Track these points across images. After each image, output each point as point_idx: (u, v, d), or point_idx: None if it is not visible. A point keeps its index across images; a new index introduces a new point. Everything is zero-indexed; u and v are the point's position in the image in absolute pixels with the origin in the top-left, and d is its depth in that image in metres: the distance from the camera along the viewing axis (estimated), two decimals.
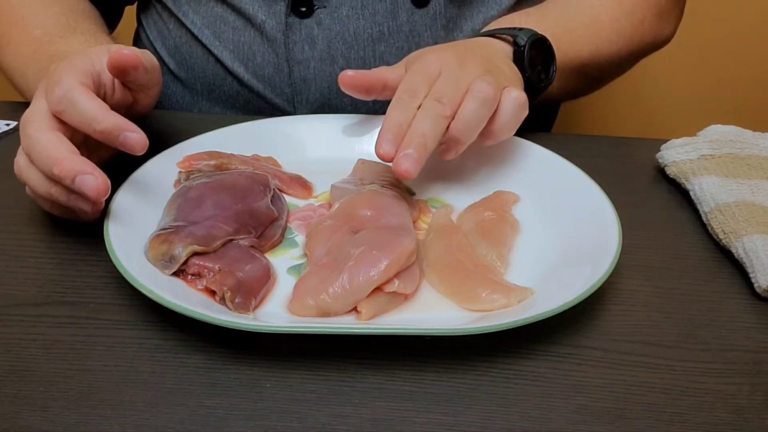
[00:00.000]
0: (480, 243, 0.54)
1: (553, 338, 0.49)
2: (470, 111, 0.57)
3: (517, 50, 0.65)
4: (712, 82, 1.40)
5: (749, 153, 0.64)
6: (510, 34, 0.66)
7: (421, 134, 0.54)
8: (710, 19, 1.31)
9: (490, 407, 0.44)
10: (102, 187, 0.49)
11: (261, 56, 0.75)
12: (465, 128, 0.57)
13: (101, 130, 0.51)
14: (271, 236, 0.55)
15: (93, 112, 0.51)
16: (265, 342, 0.47)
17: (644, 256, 0.56)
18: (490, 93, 0.57)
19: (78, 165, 0.50)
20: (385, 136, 0.54)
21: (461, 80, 0.58)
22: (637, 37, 0.77)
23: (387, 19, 0.73)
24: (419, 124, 0.55)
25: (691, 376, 0.47)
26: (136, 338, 0.48)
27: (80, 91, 0.52)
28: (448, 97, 0.56)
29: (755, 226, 0.56)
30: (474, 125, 0.57)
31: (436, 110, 0.56)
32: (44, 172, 0.51)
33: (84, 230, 0.56)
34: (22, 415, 0.42)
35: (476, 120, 0.57)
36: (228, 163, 0.61)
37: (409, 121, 0.55)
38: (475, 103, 0.57)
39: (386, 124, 0.55)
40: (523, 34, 0.65)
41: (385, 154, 0.54)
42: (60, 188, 0.52)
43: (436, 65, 0.59)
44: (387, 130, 0.55)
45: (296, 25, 0.73)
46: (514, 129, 0.61)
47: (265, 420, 0.43)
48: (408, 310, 0.50)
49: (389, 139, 0.54)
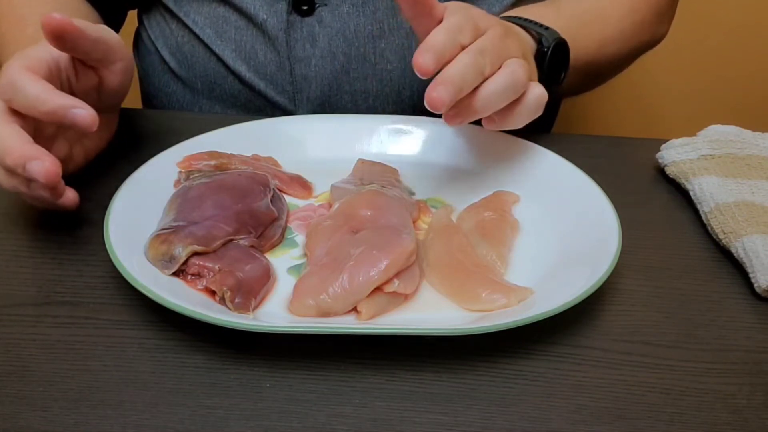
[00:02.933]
0: (480, 243, 0.54)
1: (553, 338, 0.49)
2: (499, 85, 0.55)
3: (540, 50, 0.65)
4: (712, 82, 1.40)
5: (749, 153, 0.64)
6: (537, 31, 0.65)
7: (461, 78, 0.52)
8: (710, 18, 1.31)
9: (490, 407, 0.44)
10: (51, 169, 0.49)
11: (263, 54, 0.75)
12: (487, 100, 0.55)
13: (47, 110, 0.50)
14: (271, 236, 0.55)
15: (36, 94, 0.51)
16: (265, 342, 0.47)
17: (644, 256, 0.56)
18: (523, 78, 0.56)
19: (27, 151, 0.49)
20: (428, 49, 0.51)
21: (502, 51, 0.56)
22: (637, 37, 0.78)
23: (387, 16, 0.73)
24: (459, 67, 0.52)
25: (691, 376, 0.47)
26: (136, 338, 0.48)
27: (24, 76, 0.51)
28: (490, 56, 0.55)
29: (755, 226, 0.56)
30: (496, 101, 0.55)
31: (478, 62, 0.53)
32: (2, 165, 0.51)
33: (84, 230, 0.56)
34: (22, 415, 0.42)
35: (501, 97, 0.55)
36: (228, 163, 0.61)
37: (450, 51, 0.53)
38: (507, 80, 0.55)
39: (430, 41, 0.52)
40: (548, 35, 0.65)
41: (424, 65, 0.50)
42: (20, 179, 0.52)
43: (484, 22, 0.57)
44: (430, 46, 0.51)
45: (297, 24, 0.73)
46: (523, 123, 0.59)
47: (265, 420, 0.43)
48: (408, 310, 0.50)
49: (431, 55, 0.51)
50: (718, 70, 1.39)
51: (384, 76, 0.75)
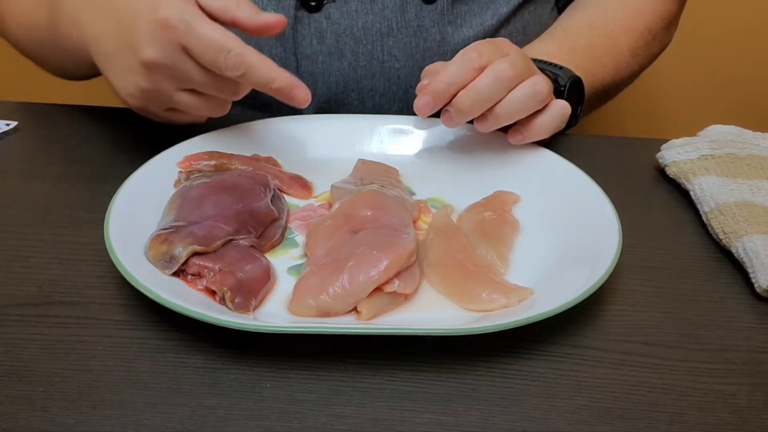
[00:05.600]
0: (480, 243, 0.54)
1: (553, 338, 0.49)
2: (521, 94, 0.59)
3: (557, 89, 0.66)
4: (712, 82, 1.40)
5: (749, 153, 0.64)
6: (552, 72, 0.67)
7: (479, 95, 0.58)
8: (710, 19, 1.31)
9: (490, 407, 0.44)
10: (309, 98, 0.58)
11: (269, 50, 0.75)
12: (508, 112, 0.59)
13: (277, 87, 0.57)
14: (271, 236, 0.55)
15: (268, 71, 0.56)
16: (265, 342, 0.47)
17: (644, 256, 0.56)
18: (545, 90, 0.60)
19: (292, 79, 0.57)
20: (427, 91, 0.59)
21: (525, 69, 0.60)
22: (648, 54, 0.80)
23: (395, 14, 0.73)
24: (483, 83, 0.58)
25: (691, 376, 0.47)
26: (137, 338, 0.48)
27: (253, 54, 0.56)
28: (518, 68, 0.59)
29: (755, 226, 0.56)
30: (518, 109, 0.60)
31: (505, 73, 0.58)
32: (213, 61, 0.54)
33: (84, 230, 0.56)
34: (22, 415, 0.42)
35: (523, 106, 0.59)
36: (228, 163, 0.61)
37: (461, 80, 0.58)
38: (530, 90, 0.59)
39: (434, 82, 0.59)
40: (563, 74, 0.66)
41: (419, 110, 0.60)
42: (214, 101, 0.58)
43: (506, 46, 0.62)
44: (429, 90, 0.59)
45: (305, 20, 0.73)
46: (548, 134, 0.62)
47: (265, 420, 0.43)
48: (408, 310, 0.50)
49: (427, 99, 0.59)
50: (718, 70, 1.38)
51: (392, 74, 0.75)
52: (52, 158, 0.66)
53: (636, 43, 0.77)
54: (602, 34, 0.75)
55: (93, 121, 0.72)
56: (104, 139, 0.69)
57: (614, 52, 0.75)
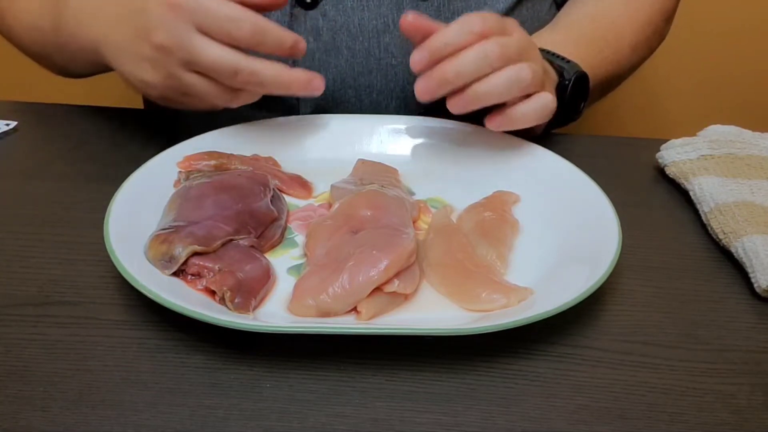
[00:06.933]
0: (480, 243, 0.54)
1: (553, 338, 0.49)
2: (503, 76, 0.58)
3: (561, 83, 0.66)
4: (712, 82, 1.40)
5: (749, 153, 0.64)
6: (558, 65, 0.67)
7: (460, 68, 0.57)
8: (710, 18, 1.31)
9: (490, 407, 0.44)
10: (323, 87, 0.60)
11: None
12: (485, 91, 0.58)
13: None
14: (271, 236, 0.55)
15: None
16: (265, 342, 0.47)
17: (644, 256, 0.56)
18: (529, 78, 0.58)
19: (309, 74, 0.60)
20: (424, 47, 0.57)
21: (516, 54, 0.59)
22: (648, 48, 0.80)
23: (392, 10, 0.73)
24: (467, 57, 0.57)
25: (691, 376, 0.47)
26: (137, 338, 0.48)
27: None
28: (509, 50, 0.58)
29: (755, 226, 0.56)
30: (496, 92, 0.58)
31: (492, 52, 0.57)
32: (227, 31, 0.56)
33: (84, 230, 0.56)
34: (22, 415, 0.42)
35: (503, 89, 0.58)
36: (228, 163, 0.61)
37: (458, 42, 0.57)
38: (513, 75, 0.58)
39: (432, 39, 0.57)
40: (569, 68, 0.66)
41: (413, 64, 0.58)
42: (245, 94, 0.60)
43: (512, 24, 0.61)
44: (426, 45, 0.57)
45: (301, 17, 0.73)
46: (527, 124, 0.61)
47: (265, 420, 0.43)
48: (408, 310, 0.50)
49: (423, 54, 0.57)
50: (718, 70, 1.38)
51: (389, 71, 0.75)
52: (52, 158, 0.67)
53: (637, 37, 0.77)
54: (605, 27, 0.75)
55: (93, 121, 0.72)
56: (104, 139, 0.69)
57: (617, 45, 0.75)
